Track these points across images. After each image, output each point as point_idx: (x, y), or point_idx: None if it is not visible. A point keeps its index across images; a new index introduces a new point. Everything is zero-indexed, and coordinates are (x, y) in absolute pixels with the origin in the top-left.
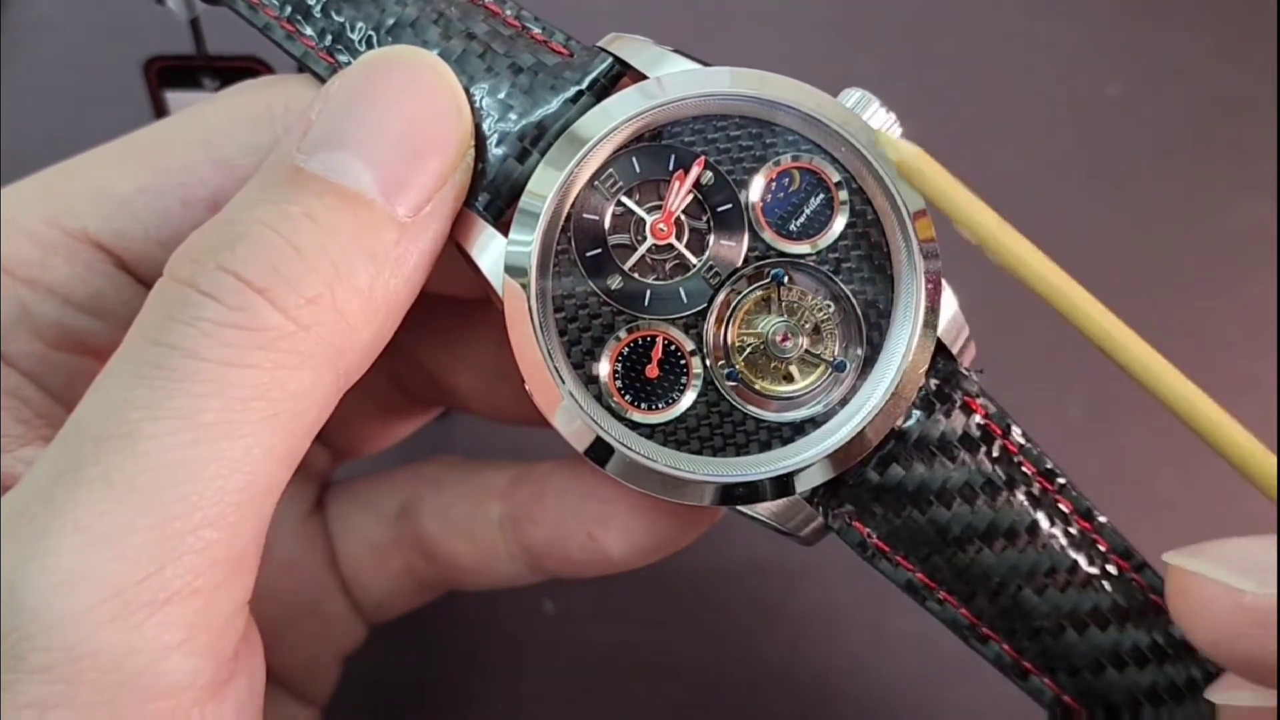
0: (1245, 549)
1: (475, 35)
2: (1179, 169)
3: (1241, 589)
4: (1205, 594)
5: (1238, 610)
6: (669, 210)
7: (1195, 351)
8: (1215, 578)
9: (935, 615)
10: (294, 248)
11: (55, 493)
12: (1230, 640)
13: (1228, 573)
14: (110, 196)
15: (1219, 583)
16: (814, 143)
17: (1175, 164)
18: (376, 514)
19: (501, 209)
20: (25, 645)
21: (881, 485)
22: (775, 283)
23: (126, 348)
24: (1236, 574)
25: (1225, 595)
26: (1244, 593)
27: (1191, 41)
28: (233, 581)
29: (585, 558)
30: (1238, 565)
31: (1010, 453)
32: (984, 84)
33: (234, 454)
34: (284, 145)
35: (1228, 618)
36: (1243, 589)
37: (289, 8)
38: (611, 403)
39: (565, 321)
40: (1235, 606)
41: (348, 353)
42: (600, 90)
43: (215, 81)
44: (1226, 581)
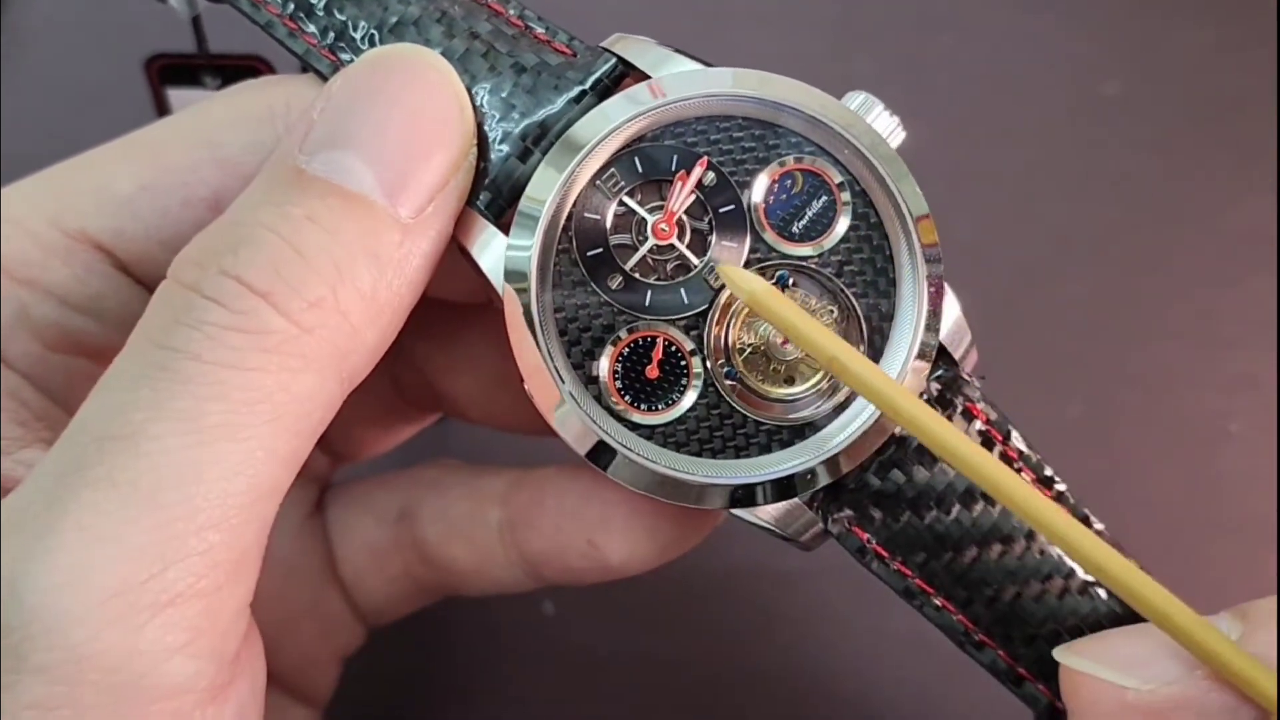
0: (1127, 645)
1: (478, 34)
2: (1179, 169)
3: (1124, 685)
4: (1093, 691)
5: (1123, 707)
6: (671, 210)
7: (1195, 351)
8: (1101, 676)
9: (932, 621)
10: (296, 251)
11: (58, 493)
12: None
13: (1111, 671)
14: (111, 196)
15: (1104, 681)
16: (817, 145)
17: (1175, 164)
18: (376, 517)
19: (503, 208)
20: (27, 645)
21: (881, 490)
22: (780, 285)
23: (130, 350)
24: (1119, 671)
25: (1111, 692)
26: (1126, 690)
27: (1191, 41)
28: (235, 583)
29: (584, 565)
30: (1121, 662)
31: (1010, 459)
32: (984, 84)
33: (237, 456)
34: (286, 145)
35: (1114, 713)
36: (1125, 685)
37: (291, 5)
38: (611, 403)
39: (565, 321)
40: (1120, 704)
41: (351, 355)
42: (603, 90)
43: (217, 79)
44: (1109, 679)
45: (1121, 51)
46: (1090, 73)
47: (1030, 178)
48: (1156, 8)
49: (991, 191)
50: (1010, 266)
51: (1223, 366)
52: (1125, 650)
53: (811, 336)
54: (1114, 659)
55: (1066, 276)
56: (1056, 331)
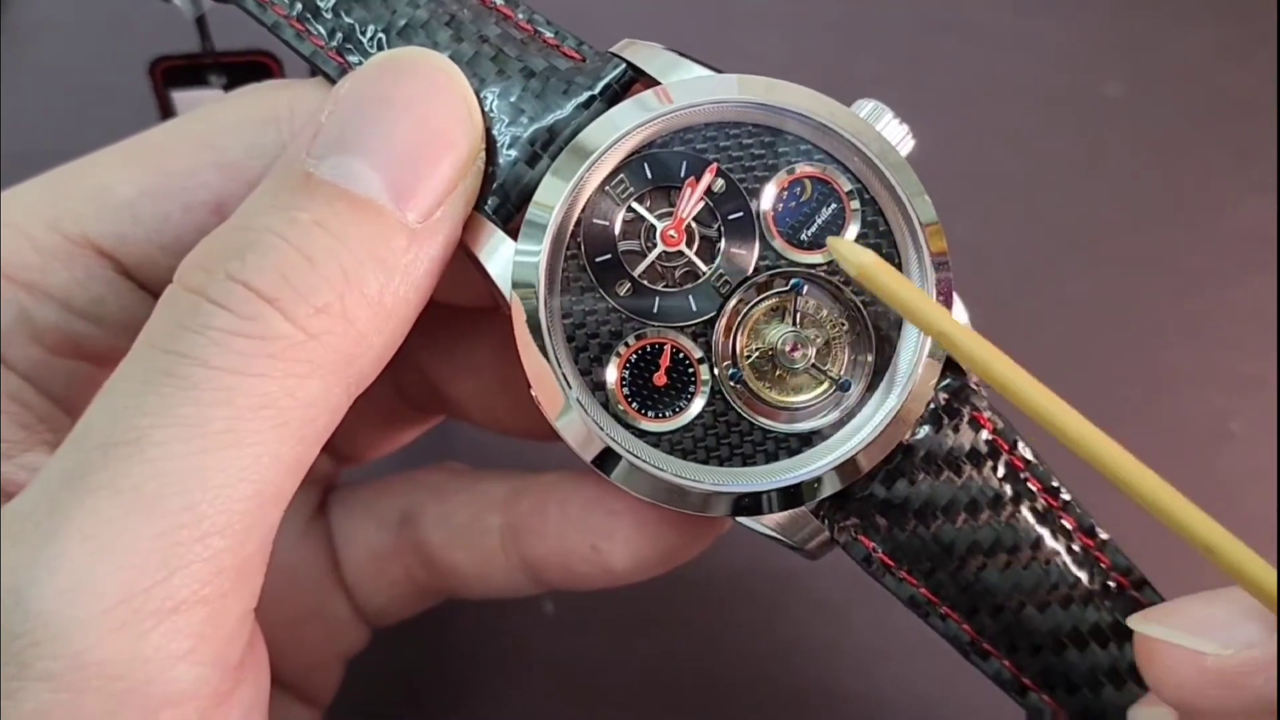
0: (1204, 610)
1: (487, 38)
2: (1179, 169)
3: (1203, 651)
4: (1169, 658)
5: (1200, 673)
6: (680, 217)
7: (1196, 352)
8: (1177, 642)
9: (937, 631)
10: (304, 256)
11: (62, 498)
12: (1197, 700)
13: (1188, 636)
14: (112, 200)
15: (1180, 647)
16: (826, 152)
17: (1175, 164)
18: (378, 521)
19: (511, 213)
20: (31, 652)
21: (888, 499)
22: (795, 292)
23: (135, 355)
24: (1196, 636)
25: (1187, 659)
26: (1205, 655)
27: (1191, 41)
28: (239, 590)
29: (587, 570)
30: (1197, 626)
31: (1016, 468)
32: (984, 84)
33: (242, 462)
34: (294, 148)
35: (1192, 680)
36: (1204, 651)
37: (299, 6)
38: (618, 410)
39: (573, 327)
40: (1197, 669)
41: (357, 361)
42: (612, 96)
43: (222, 78)
44: (1187, 645)
45: (1122, 52)
46: (1091, 74)
47: (1031, 178)
48: (1157, 9)
49: (992, 192)
50: (1010, 266)
51: (1223, 366)
52: (1201, 614)
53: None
54: (1190, 623)
55: (1066, 276)
56: (1056, 331)
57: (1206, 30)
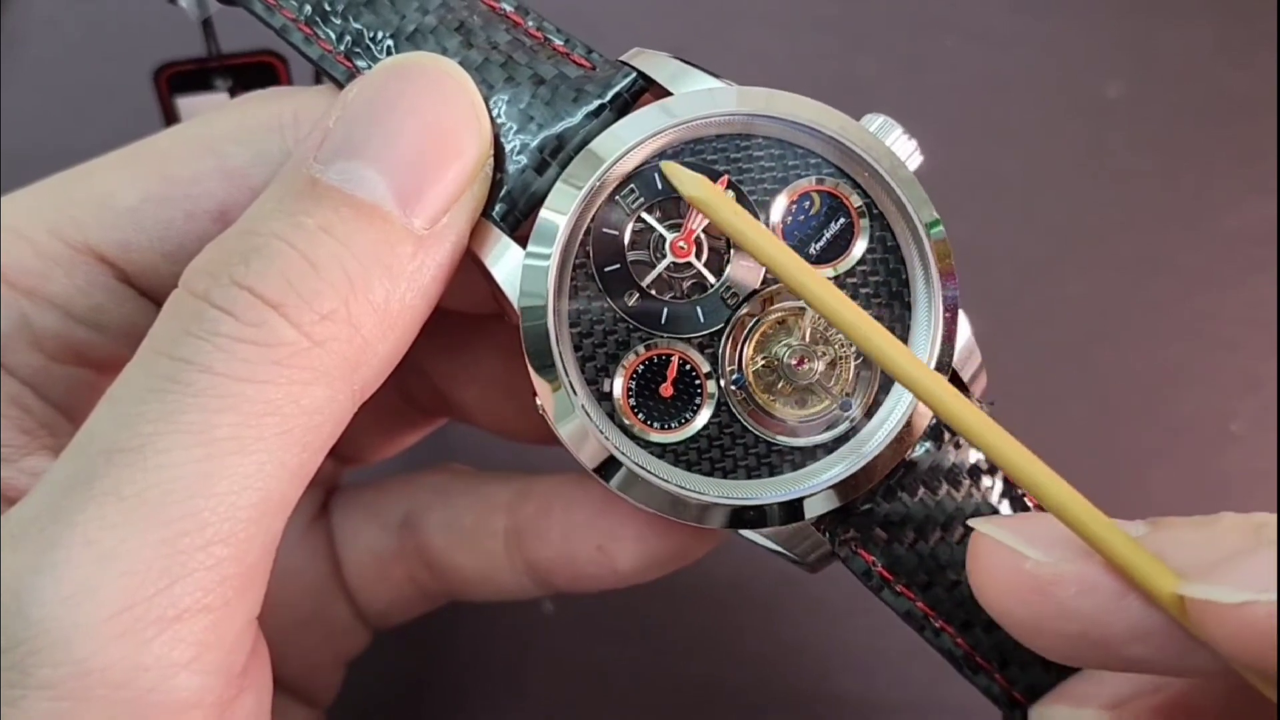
0: (1037, 524)
1: (497, 45)
2: (1179, 169)
3: (1025, 555)
4: (993, 559)
5: (1018, 574)
6: (689, 228)
7: (1196, 352)
8: (1005, 542)
9: (932, 645)
10: (309, 262)
11: (65, 505)
12: (1011, 604)
13: (1016, 539)
14: (114, 207)
15: (1006, 547)
16: (836, 166)
17: (1175, 164)
18: (380, 523)
19: (519, 220)
20: (32, 660)
21: (888, 514)
22: None
23: (139, 360)
24: (1024, 542)
25: (1010, 563)
26: (1026, 558)
27: (1192, 41)
28: (242, 598)
29: (593, 571)
30: (1027, 536)
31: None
32: (984, 84)
33: (246, 470)
34: (300, 153)
35: (1010, 581)
36: (1026, 555)
37: (308, 9)
38: (624, 420)
39: (580, 336)
40: (1017, 571)
41: (362, 368)
42: (622, 105)
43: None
44: (1013, 547)
45: (1122, 52)
46: (1091, 74)
47: (1031, 178)
48: (1157, 9)
49: (992, 192)
50: (1010, 266)
51: (1224, 367)
52: (1034, 528)
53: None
54: (1021, 532)
55: (1066, 276)
56: (1056, 331)
57: (1206, 30)
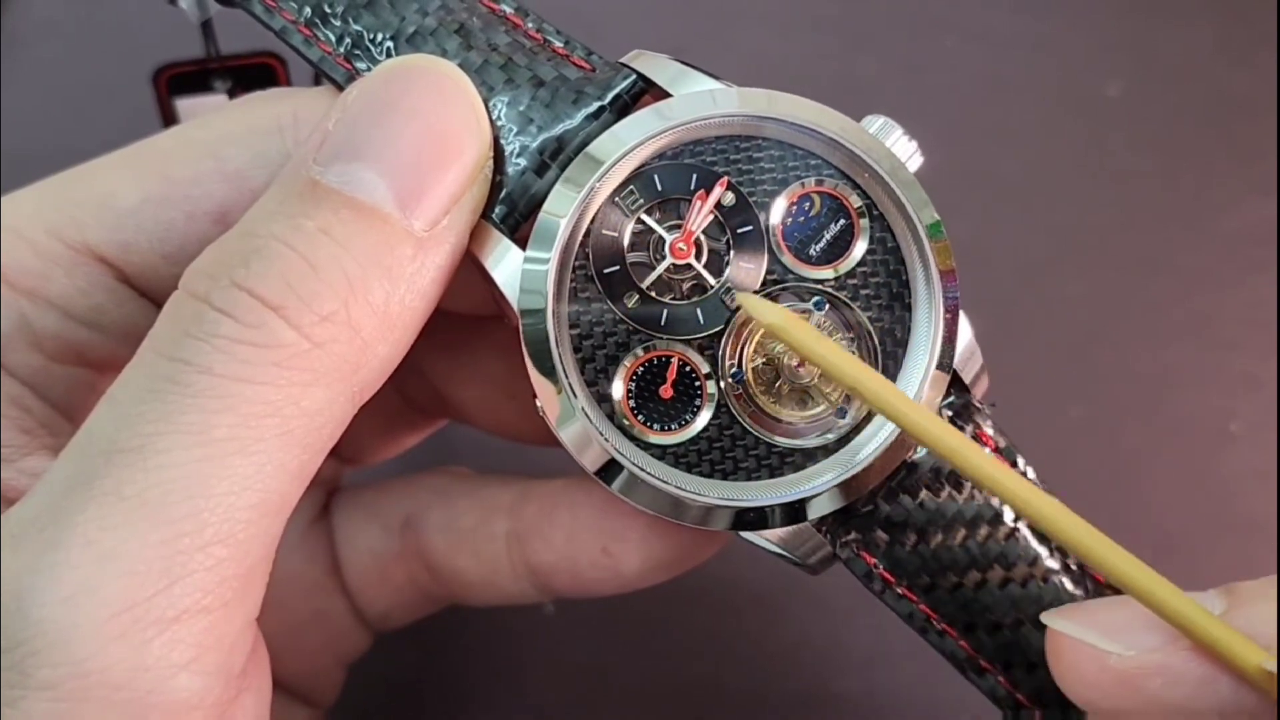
0: (1113, 613)
1: (497, 47)
2: (1179, 169)
3: (1108, 651)
4: (1076, 655)
5: (1103, 671)
6: (689, 230)
7: (1196, 353)
8: (1086, 640)
9: (935, 647)
10: (309, 264)
11: (65, 505)
12: (1099, 698)
13: (1095, 635)
14: (114, 208)
15: (1087, 644)
16: (836, 167)
17: (1175, 164)
18: (381, 524)
19: (519, 222)
20: (32, 661)
21: (890, 516)
22: (816, 309)
23: (139, 361)
24: (1103, 636)
25: (1093, 656)
26: (1109, 654)
27: (1191, 41)
28: (242, 599)
29: (596, 575)
30: (1105, 628)
31: None
32: (984, 84)
33: (246, 471)
34: (301, 155)
35: (1095, 677)
36: (1109, 650)
37: (307, 11)
38: (624, 422)
39: (580, 338)
40: (1101, 668)
41: (362, 369)
42: (622, 107)
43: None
44: (1093, 644)
45: (1122, 52)
46: (1091, 73)
47: (1030, 178)
48: (1157, 9)
49: (992, 191)
50: (1010, 266)
51: (1223, 367)
52: (1110, 617)
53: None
54: (1099, 624)
55: (1066, 276)
56: (1056, 331)
57: (1206, 30)
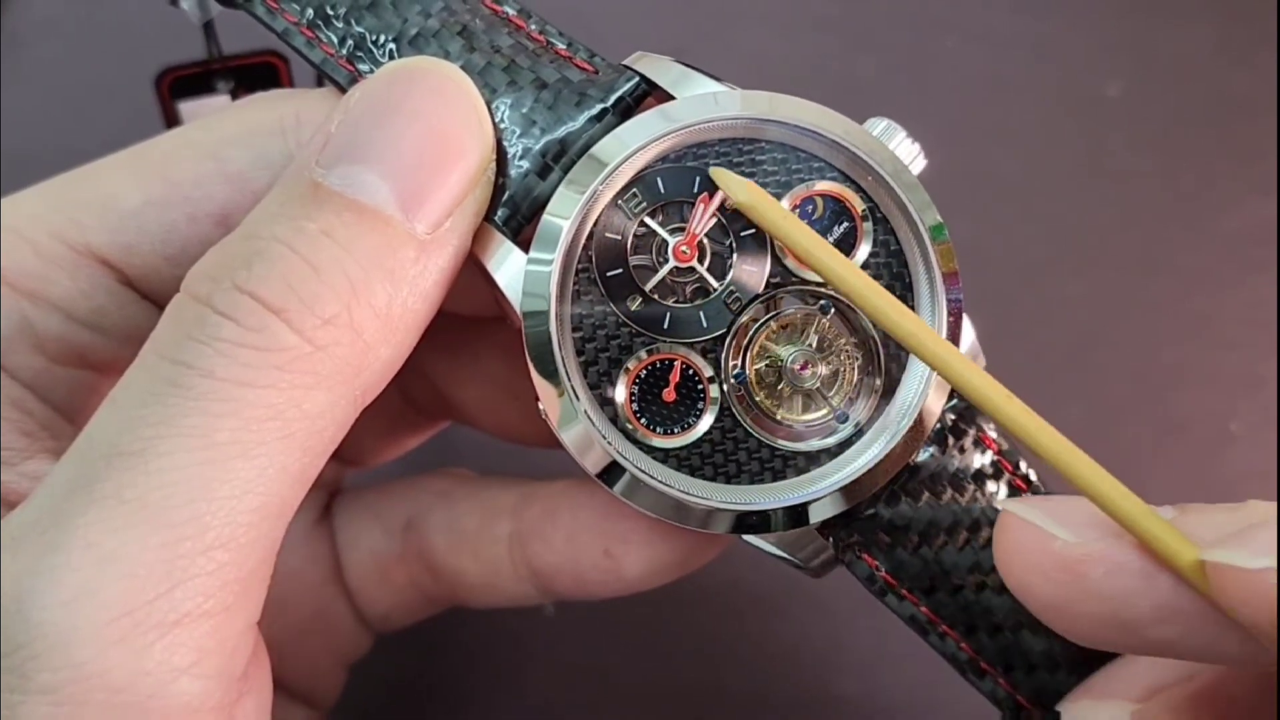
0: (1066, 505)
1: (499, 49)
2: (1179, 169)
3: (1053, 535)
4: (1023, 536)
5: (1046, 554)
6: (692, 233)
7: (1196, 353)
8: (1034, 521)
9: (936, 649)
10: (311, 266)
11: (66, 508)
12: (1037, 582)
13: (1045, 518)
14: (116, 209)
15: (1034, 525)
16: (840, 170)
17: (1175, 164)
18: (383, 526)
19: (521, 225)
20: (32, 664)
21: (892, 519)
22: (822, 313)
23: (141, 364)
24: (1054, 521)
25: (1038, 539)
26: (1055, 538)
27: (1191, 41)
28: (243, 603)
29: (598, 577)
30: (1058, 516)
31: (1019, 489)
32: (984, 84)
33: (248, 474)
34: (303, 157)
35: (1037, 560)
36: (1054, 535)
37: (310, 12)
38: (626, 425)
39: (583, 341)
40: (1044, 551)
41: (364, 372)
42: (625, 109)
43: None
44: (1040, 526)
45: (1122, 52)
46: (1091, 73)
47: (1031, 178)
48: (1157, 9)
49: (992, 192)
50: (1010, 266)
51: (1223, 367)
52: (1065, 509)
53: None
54: (1052, 513)
55: (1066, 276)
56: (1056, 331)
57: (1206, 30)
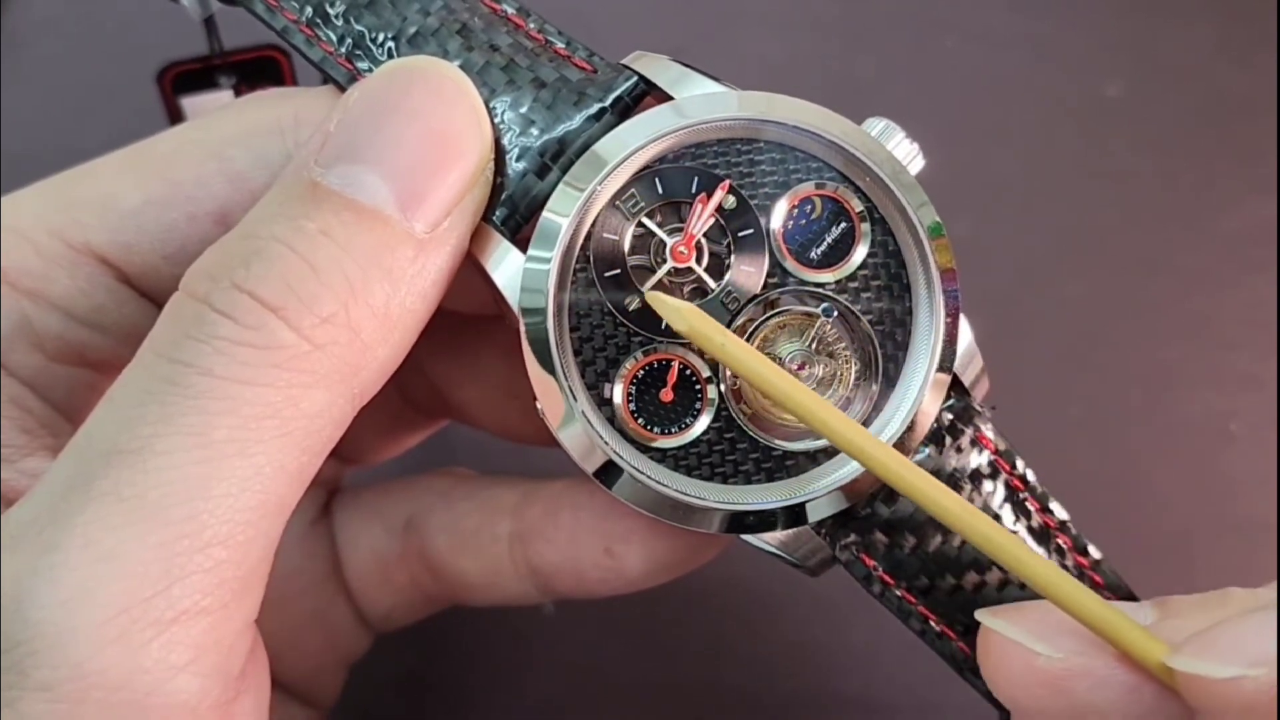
0: (1045, 615)
1: (498, 48)
2: (1179, 169)
3: (1036, 651)
4: (1004, 653)
5: (1030, 670)
6: (690, 233)
7: (1196, 353)
8: (1015, 639)
9: (933, 648)
10: (309, 265)
11: (64, 506)
12: (1024, 698)
13: (1025, 635)
14: (116, 208)
15: (1016, 644)
16: (838, 171)
17: (1175, 164)
18: (383, 525)
19: (519, 224)
20: (30, 661)
21: (889, 518)
22: (825, 316)
23: (139, 362)
24: (1033, 637)
25: (1021, 656)
26: (1037, 655)
27: (1191, 41)
28: (241, 601)
29: (599, 576)
30: (1036, 629)
31: (1015, 488)
32: (984, 84)
33: (245, 472)
34: (302, 157)
35: (1022, 676)
36: (1036, 651)
37: (309, 10)
38: (624, 425)
39: (580, 341)
40: (1028, 667)
41: (362, 371)
42: (624, 109)
43: (232, 78)
44: (1022, 643)
45: (1122, 52)
46: (1091, 74)
47: (1031, 178)
48: (1157, 9)
49: (992, 192)
50: (1010, 266)
51: (1223, 367)
52: (1041, 619)
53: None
54: (1030, 625)
55: (1066, 276)
56: (1056, 331)
57: (1206, 30)
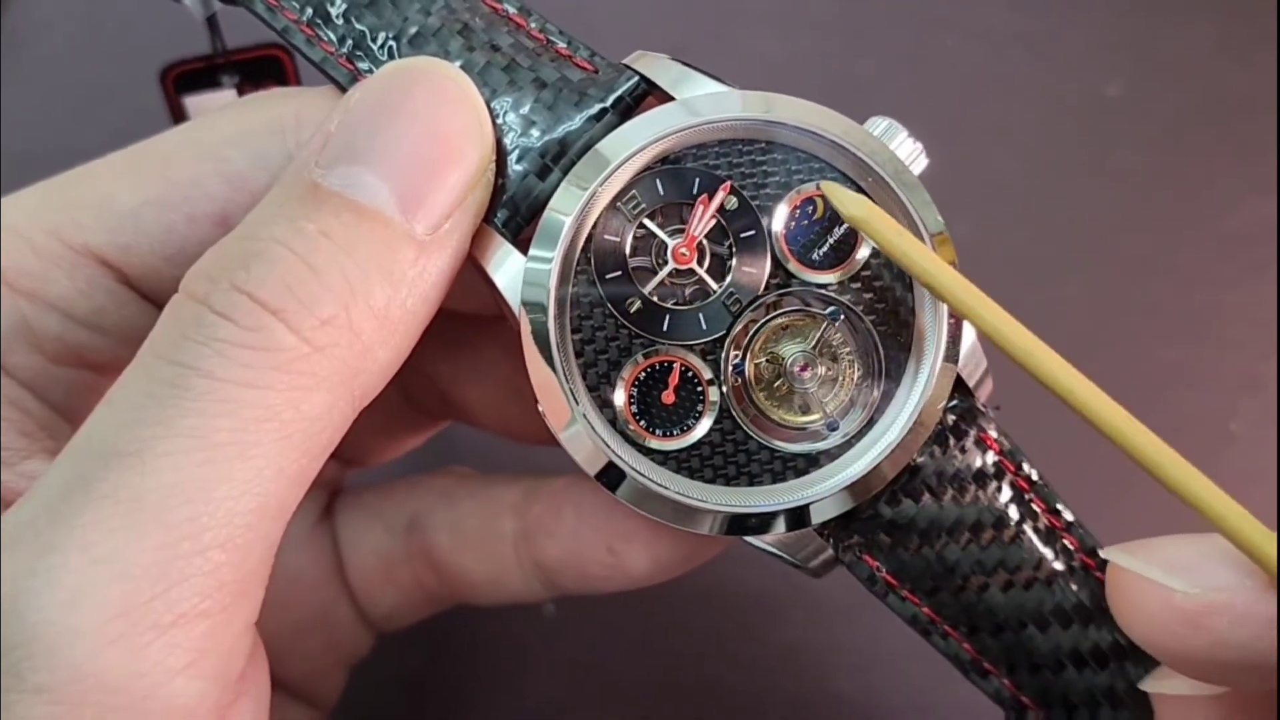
0: (1178, 549)
1: (499, 48)
2: (1179, 169)
3: (1171, 588)
4: (1139, 591)
5: (1167, 609)
6: (691, 234)
7: (1197, 353)
8: (1149, 576)
9: (938, 650)
10: (309, 267)
11: (63, 509)
12: (1161, 637)
13: (1160, 571)
14: (115, 209)
15: (1151, 580)
16: (840, 171)
17: (1175, 164)
18: (386, 525)
19: (520, 226)
20: (28, 664)
21: (893, 520)
22: (830, 320)
23: (139, 364)
24: (1168, 573)
25: (1156, 593)
26: (1174, 591)
27: (1191, 41)
28: (240, 604)
29: (603, 573)
30: (1170, 564)
31: (1021, 489)
32: (984, 84)
33: (245, 475)
34: (302, 158)
35: (1158, 615)
36: (1172, 588)
37: (310, 10)
38: (625, 428)
39: (582, 343)
40: (1165, 605)
41: (363, 373)
42: (625, 109)
43: (234, 77)
44: (1158, 580)
45: (1122, 52)
46: (1091, 73)
47: (1031, 178)
48: (1157, 9)
49: (992, 192)
50: (1010, 266)
51: (1223, 367)
52: (1176, 553)
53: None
54: (1163, 560)
55: (1066, 276)
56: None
57: (1206, 29)
